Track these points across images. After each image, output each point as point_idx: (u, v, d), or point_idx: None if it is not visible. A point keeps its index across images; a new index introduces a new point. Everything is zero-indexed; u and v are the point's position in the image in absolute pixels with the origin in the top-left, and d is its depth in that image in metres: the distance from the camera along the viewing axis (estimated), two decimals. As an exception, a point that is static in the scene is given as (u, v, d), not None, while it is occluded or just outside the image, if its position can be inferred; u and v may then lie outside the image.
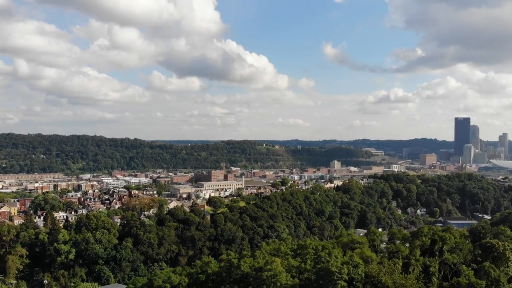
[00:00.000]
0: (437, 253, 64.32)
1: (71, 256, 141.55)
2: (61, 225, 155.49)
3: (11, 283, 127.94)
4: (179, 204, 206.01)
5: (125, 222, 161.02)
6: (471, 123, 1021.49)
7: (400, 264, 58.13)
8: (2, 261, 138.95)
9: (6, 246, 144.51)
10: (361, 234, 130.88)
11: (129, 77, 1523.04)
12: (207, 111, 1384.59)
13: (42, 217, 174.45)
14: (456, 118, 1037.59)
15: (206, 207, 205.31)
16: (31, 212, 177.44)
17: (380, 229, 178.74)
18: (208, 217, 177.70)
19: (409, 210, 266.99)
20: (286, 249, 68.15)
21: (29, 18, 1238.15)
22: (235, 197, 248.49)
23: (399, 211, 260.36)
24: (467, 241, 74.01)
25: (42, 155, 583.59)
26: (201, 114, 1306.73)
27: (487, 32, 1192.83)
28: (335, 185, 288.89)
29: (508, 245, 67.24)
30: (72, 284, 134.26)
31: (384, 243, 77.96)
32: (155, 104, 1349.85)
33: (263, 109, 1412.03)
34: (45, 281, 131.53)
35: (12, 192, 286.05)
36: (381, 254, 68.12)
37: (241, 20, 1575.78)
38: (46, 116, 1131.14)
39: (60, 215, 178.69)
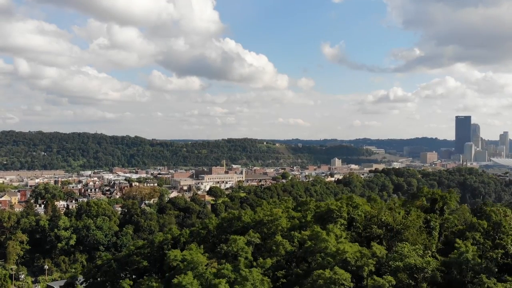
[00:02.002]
0: (438, 211, 64.13)
1: (72, 242, 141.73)
2: (61, 212, 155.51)
3: (11, 269, 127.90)
4: (180, 194, 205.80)
5: (126, 210, 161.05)
6: (472, 122, 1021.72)
7: (401, 216, 58.04)
8: (2, 247, 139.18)
9: (7, 233, 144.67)
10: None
11: (129, 76, 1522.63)
12: (207, 110, 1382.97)
13: (42, 206, 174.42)
14: (457, 117, 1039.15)
15: (206, 197, 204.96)
16: (32, 201, 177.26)
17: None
18: (209, 206, 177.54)
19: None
20: (288, 205, 68.35)
21: (29, 17, 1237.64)
22: (236, 189, 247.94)
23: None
24: (468, 213, 73.90)
25: (43, 152, 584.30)
26: (201, 114, 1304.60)
27: (484, 31, 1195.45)
28: (336, 179, 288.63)
29: (508, 212, 67.01)
30: (73, 270, 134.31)
31: None
32: (155, 103, 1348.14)
33: (263, 109, 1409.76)
34: (46, 267, 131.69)
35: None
36: None
37: (240, 19, 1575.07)
38: (47, 116, 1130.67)
39: (60, 203, 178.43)
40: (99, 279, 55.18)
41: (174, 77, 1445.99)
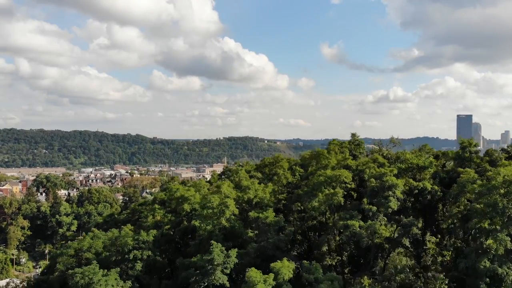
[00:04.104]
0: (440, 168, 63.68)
1: (73, 228, 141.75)
2: (63, 199, 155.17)
3: (12, 254, 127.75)
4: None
5: (127, 198, 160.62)
6: (473, 121, 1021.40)
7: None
8: (3, 233, 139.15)
9: (8, 219, 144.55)
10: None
11: (129, 76, 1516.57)
12: (208, 111, 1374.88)
13: (44, 194, 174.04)
14: (458, 115, 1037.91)
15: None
16: (34, 189, 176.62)
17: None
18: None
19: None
20: (290, 159, 68.55)
21: (29, 17, 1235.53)
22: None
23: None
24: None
25: (44, 150, 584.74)
26: (202, 114, 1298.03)
27: (482, 31, 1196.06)
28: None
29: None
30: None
31: None
32: (156, 104, 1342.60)
33: (263, 109, 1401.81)
34: (47, 252, 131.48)
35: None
36: None
37: (239, 19, 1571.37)
38: (47, 116, 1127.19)
39: (62, 192, 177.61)
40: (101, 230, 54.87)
41: (175, 77, 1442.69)
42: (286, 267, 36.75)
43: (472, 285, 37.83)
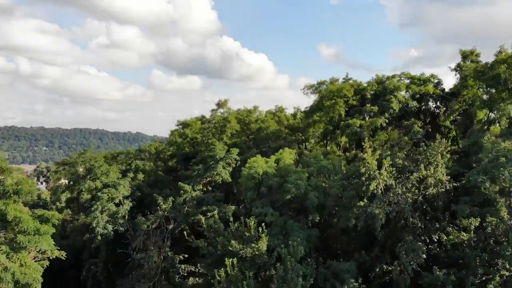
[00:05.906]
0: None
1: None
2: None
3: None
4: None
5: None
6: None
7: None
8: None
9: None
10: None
11: (129, 76, 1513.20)
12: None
13: (44, 183, 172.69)
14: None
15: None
16: (34, 178, 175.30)
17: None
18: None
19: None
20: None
21: (29, 16, 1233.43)
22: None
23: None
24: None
25: (45, 148, 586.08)
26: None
27: (480, 30, 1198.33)
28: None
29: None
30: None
31: None
32: (157, 103, 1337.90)
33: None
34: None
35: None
36: None
37: (238, 19, 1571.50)
38: (48, 115, 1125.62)
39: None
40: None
41: (175, 77, 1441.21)
42: (287, 153, 37.13)
43: (476, 161, 36.53)
